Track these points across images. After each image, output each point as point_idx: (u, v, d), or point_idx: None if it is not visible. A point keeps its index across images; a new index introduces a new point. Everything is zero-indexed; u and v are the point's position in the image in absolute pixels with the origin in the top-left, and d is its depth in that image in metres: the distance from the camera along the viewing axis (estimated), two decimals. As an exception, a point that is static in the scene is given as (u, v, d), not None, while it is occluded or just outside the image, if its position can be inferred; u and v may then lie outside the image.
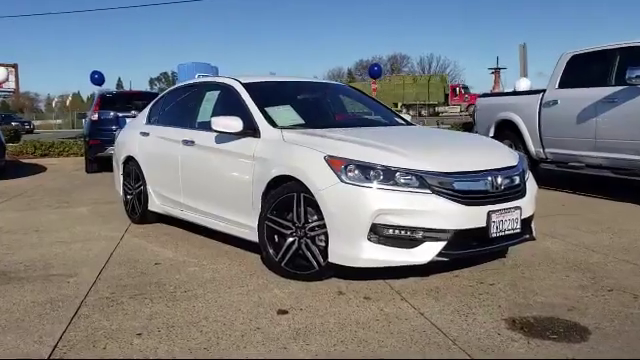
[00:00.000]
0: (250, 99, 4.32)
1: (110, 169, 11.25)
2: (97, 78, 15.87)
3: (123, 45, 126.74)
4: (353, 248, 3.30)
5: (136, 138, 5.65)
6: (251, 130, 4.11)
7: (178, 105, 5.39)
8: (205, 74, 19.01)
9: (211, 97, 4.80)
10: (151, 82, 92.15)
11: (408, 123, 4.85)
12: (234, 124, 4.10)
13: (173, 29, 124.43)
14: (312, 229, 3.58)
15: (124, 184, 5.91)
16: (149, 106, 5.86)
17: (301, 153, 3.63)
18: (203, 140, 4.57)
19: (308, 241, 3.59)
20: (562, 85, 7.57)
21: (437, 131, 5.85)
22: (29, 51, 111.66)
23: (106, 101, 10.90)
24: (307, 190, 3.50)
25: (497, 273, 3.79)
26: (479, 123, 9.29)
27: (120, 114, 10.66)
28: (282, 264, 3.69)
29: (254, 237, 3.99)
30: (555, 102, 7.53)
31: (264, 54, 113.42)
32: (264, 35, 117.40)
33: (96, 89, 15.27)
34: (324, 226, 3.47)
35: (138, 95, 11.87)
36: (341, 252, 3.34)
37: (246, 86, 4.48)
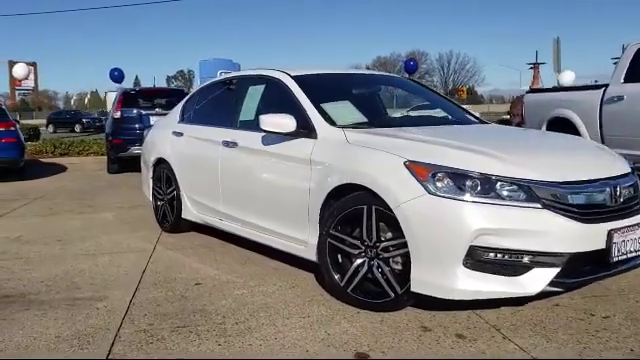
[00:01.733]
0: (303, 94, 3.74)
1: (133, 170, 10.84)
2: (117, 75, 15.45)
3: (140, 43, 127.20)
4: (445, 276, 2.70)
5: (168, 138, 5.10)
6: (305, 130, 3.53)
7: (216, 102, 4.83)
8: (227, 71, 18.52)
9: (255, 93, 4.23)
10: (168, 80, 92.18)
11: (481, 121, 4.23)
12: (286, 123, 3.53)
13: (191, 26, 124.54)
14: (386, 249, 2.99)
15: (154, 189, 5.37)
16: (182, 103, 5.31)
17: (373, 157, 3.04)
18: (247, 141, 4.00)
19: (380, 263, 3.00)
20: (628, 79, 6.86)
21: (525, 130, 5.00)
22: (47, 49, 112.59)
23: (129, 98, 10.40)
24: (381, 202, 2.91)
25: (605, 301, 3.17)
26: (528, 121, 8.61)
27: (143, 112, 10.17)
28: (348, 290, 3.10)
29: (310, 255, 3.41)
30: (620, 98, 6.83)
31: (281, 51, 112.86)
32: (281, 32, 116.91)
33: (114, 87, 14.85)
34: (402, 246, 2.88)
35: (162, 92, 11.38)
36: (428, 280, 2.75)
37: (297, 79, 3.89)
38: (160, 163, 5.25)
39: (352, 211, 3.07)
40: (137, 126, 10.10)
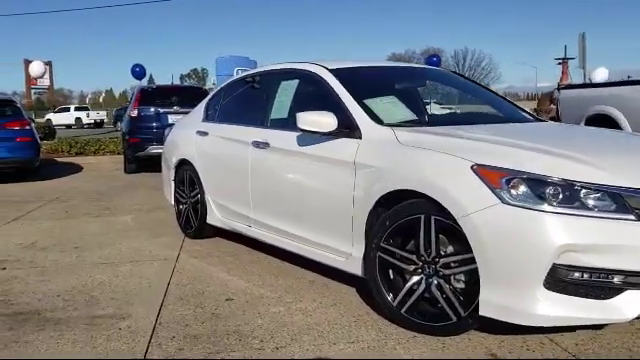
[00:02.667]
0: (344, 89, 3.38)
1: (150, 169, 10.55)
2: (138, 71, 15.17)
3: (153, 42, 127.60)
4: (521, 299, 2.33)
5: (192, 138, 4.76)
6: (347, 129, 3.17)
7: (244, 99, 4.49)
8: (244, 68, 18.23)
9: (287, 89, 3.87)
10: (182, 78, 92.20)
11: (536, 118, 3.83)
12: (326, 121, 3.17)
13: (204, 24, 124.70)
14: (447, 265, 2.62)
15: (176, 192, 5.04)
16: (206, 100, 4.98)
17: (432, 160, 2.67)
18: (281, 141, 3.65)
19: (441, 282, 2.64)
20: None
21: (588, 129, 4.47)
22: (62, 48, 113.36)
23: (146, 96, 10.10)
24: (442, 212, 2.54)
25: (695, 325, 2.77)
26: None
27: (161, 110, 9.87)
28: (402, 310, 2.74)
29: (354, 269, 3.06)
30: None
31: (295, 48, 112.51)
32: (295, 29, 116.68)
33: (128, 85, 14.60)
34: (467, 262, 2.52)
35: (181, 89, 11.10)
36: (501, 303, 2.37)
37: (336, 73, 3.53)
38: (183, 164, 4.92)
39: (407, 221, 2.71)
40: (155, 125, 9.82)
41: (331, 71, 3.56)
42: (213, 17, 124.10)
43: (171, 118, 9.78)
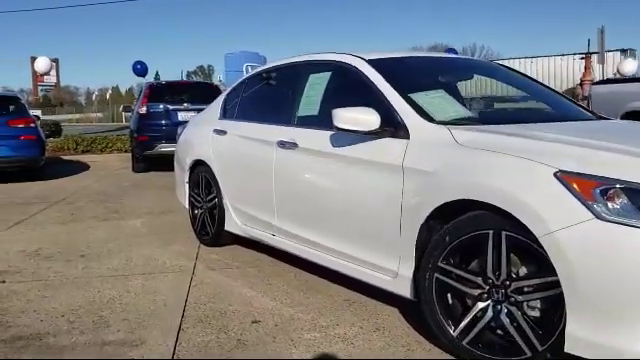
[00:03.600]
0: (385, 83, 2.97)
1: (160, 169, 10.16)
2: (139, 68, 14.78)
3: (159, 38, 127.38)
4: (622, 335, 1.92)
5: (208, 137, 4.37)
6: (391, 127, 2.77)
7: (267, 94, 4.08)
8: (254, 64, 17.82)
9: (318, 82, 3.46)
10: (188, 75, 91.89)
11: (599, 116, 3.40)
12: (367, 119, 2.76)
13: (211, 21, 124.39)
14: (520, 290, 2.21)
15: (191, 195, 4.65)
16: (223, 96, 4.57)
17: (504, 165, 2.26)
18: (311, 141, 3.25)
19: (512, 309, 2.23)
20: None
21: None
22: (68, 45, 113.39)
23: (155, 92, 9.71)
24: (518, 227, 2.13)
25: None
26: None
27: (171, 107, 9.48)
28: (464, 342, 2.33)
29: (401, 289, 2.65)
30: None
31: (303, 43, 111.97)
32: (301, 24, 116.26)
33: (135, 82, 14.23)
34: (546, 287, 2.12)
35: (191, 86, 10.69)
36: (594, 339, 1.96)
37: (375, 64, 3.12)
38: (198, 165, 4.53)
39: (471, 238, 2.30)
40: (164, 122, 9.45)
41: (369, 62, 3.15)
42: (220, 13, 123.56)
43: (181, 115, 9.42)
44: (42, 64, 16.89)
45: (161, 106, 9.48)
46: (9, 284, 3.63)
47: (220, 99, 4.59)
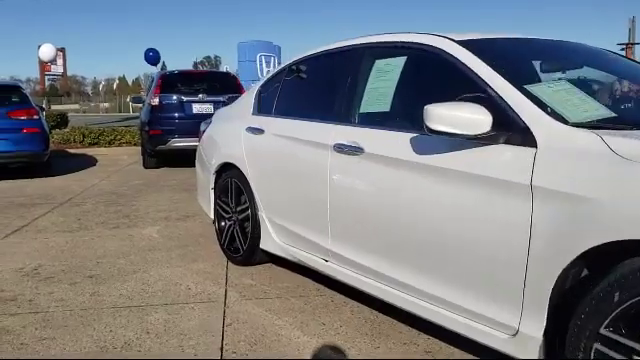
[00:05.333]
0: (492, 71, 2.24)
1: (172, 164, 9.43)
2: (152, 56, 14.06)
3: (166, 28, 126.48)
4: None
5: (239, 136, 3.65)
6: (507, 131, 2.04)
7: (316, 84, 3.36)
8: (268, 54, 17.05)
9: (388, 70, 2.72)
10: (194, 66, 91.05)
11: None
12: (475, 119, 2.04)
13: (218, 10, 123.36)
14: None
15: (217, 203, 3.94)
16: (257, 87, 3.84)
17: None
18: (383, 146, 2.53)
19: None
20: None
21: None
22: (75, 35, 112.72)
23: (168, 83, 8.97)
24: None
25: None
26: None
27: (185, 98, 8.77)
28: None
29: (523, 352, 1.94)
30: None
31: (311, 34, 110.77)
32: (310, 15, 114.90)
33: (142, 72, 13.52)
34: None
35: (207, 75, 9.98)
36: None
37: (471, 47, 2.39)
38: (227, 169, 3.82)
39: (654, 296, 1.57)
40: (177, 115, 8.74)
41: (462, 44, 2.42)
42: (229, 4, 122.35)
43: (196, 107, 8.73)
44: (47, 51, 16.19)
45: (174, 97, 8.76)
46: (0, 317, 2.94)
47: (253, 91, 3.87)
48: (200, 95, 8.81)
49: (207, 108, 8.77)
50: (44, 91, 32.16)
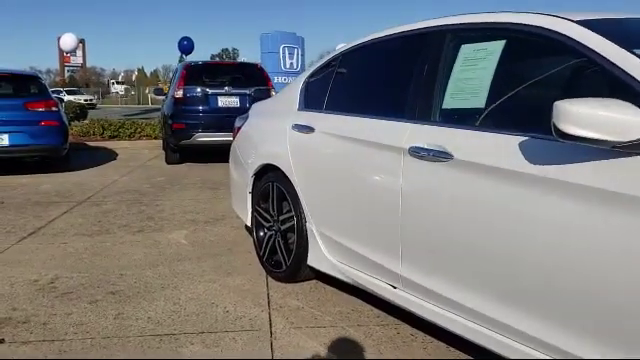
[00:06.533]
0: (634, 58, 1.72)
1: (196, 159, 9.01)
2: (186, 45, 13.62)
3: (183, 21, 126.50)
4: None
5: (283, 134, 3.18)
6: (663, 139, 1.53)
7: (381, 75, 2.84)
8: (291, 45, 16.56)
9: (479, 57, 2.21)
10: (212, 58, 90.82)
11: None
12: (626, 121, 1.54)
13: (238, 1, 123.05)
14: None
15: (256, 210, 3.47)
16: (304, 78, 3.35)
17: None
18: (479, 151, 2.02)
19: None
20: None
21: None
22: (94, 26, 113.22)
23: (192, 74, 8.51)
24: None
25: None
26: None
27: (210, 91, 8.32)
28: None
29: None
30: None
31: (318, 28, 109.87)
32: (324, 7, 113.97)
33: (160, 64, 13.13)
34: None
35: (233, 67, 9.51)
36: None
37: (599, 29, 1.87)
38: (267, 172, 3.35)
39: None
40: (202, 108, 8.31)
41: (586, 25, 1.90)
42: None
43: (222, 101, 8.29)
44: (68, 41, 15.87)
45: (199, 90, 8.32)
46: (9, 345, 2.50)
47: (298, 83, 3.38)
48: (226, 88, 8.37)
49: (233, 101, 8.32)
50: (64, 82, 32.04)
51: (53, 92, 8.04)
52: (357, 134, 2.66)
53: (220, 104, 8.26)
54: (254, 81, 8.52)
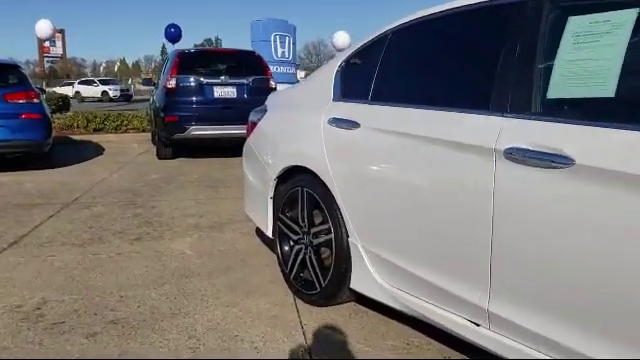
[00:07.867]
0: None
1: (189, 154, 8.42)
2: (173, 32, 12.95)
3: (164, 9, 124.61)
4: None
5: (317, 130, 2.65)
6: None
7: (451, 56, 2.31)
8: (283, 33, 15.96)
9: (599, 32, 1.70)
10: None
11: None
12: None
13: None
14: None
15: (279, 219, 2.95)
16: (337, 62, 2.81)
17: None
18: (613, 155, 1.52)
19: None
20: None
21: None
22: (74, 16, 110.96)
23: (186, 63, 7.89)
24: None
25: None
26: None
27: (205, 80, 7.73)
28: None
29: None
30: None
31: (317, 18, 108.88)
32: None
33: (143, 54, 12.45)
34: None
35: (229, 54, 8.86)
36: None
37: None
38: (295, 175, 2.82)
39: None
40: (196, 99, 7.72)
41: None
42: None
43: (217, 91, 7.71)
44: (44, 28, 15.05)
45: (193, 79, 7.72)
46: (-13, 403, 1.96)
47: (331, 69, 2.84)
48: (222, 77, 7.79)
49: (230, 92, 7.76)
50: (44, 73, 31.04)
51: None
52: (421, 131, 2.14)
53: (216, 95, 7.69)
54: (252, 70, 7.95)
